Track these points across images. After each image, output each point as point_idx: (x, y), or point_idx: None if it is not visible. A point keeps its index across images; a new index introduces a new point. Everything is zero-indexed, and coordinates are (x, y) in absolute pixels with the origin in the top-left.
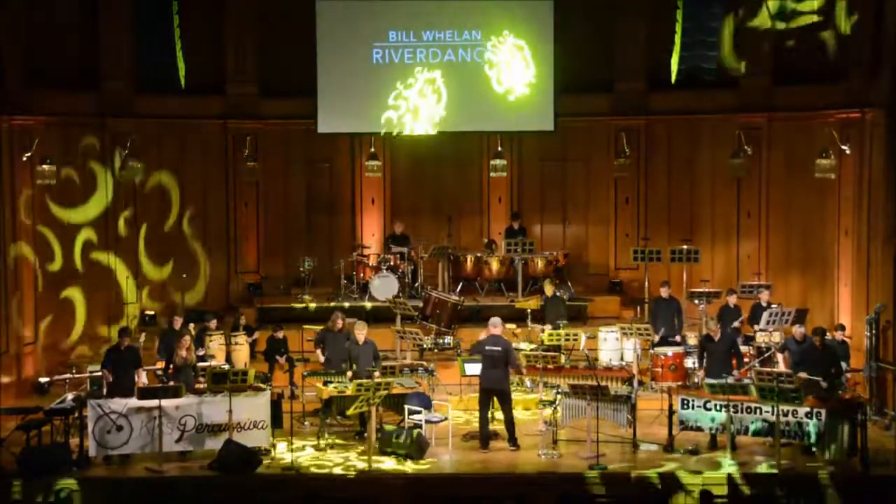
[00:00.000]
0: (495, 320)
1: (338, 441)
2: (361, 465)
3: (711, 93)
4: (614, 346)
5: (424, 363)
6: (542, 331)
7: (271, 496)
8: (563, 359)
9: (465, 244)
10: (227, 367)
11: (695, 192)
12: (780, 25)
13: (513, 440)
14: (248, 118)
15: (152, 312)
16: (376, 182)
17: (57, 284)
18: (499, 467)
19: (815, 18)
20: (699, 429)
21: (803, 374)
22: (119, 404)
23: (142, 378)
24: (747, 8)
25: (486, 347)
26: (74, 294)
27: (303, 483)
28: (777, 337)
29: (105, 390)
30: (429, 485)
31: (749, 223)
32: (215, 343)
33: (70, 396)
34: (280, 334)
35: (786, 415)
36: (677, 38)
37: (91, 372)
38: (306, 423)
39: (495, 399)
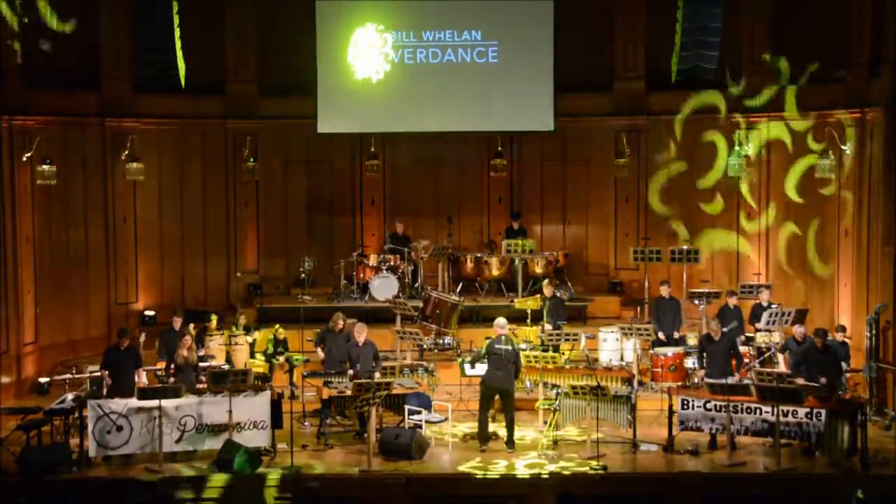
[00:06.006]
0: (501, 321)
1: (337, 441)
2: (361, 465)
3: (710, 93)
4: (614, 346)
5: (424, 363)
6: (542, 331)
7: (272, 496)
8: (563, 359)
9: (465, 244)
10: (227, 367)
11: (695, 192)
12: None
13: (511, 442)
14: (248, 118)
15: (152, 312)
16: (376, 182)
17: (57, 284)
18: (499, 468)
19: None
20: (699, 429)
21: (800, 381)
22: (119, 404)
23: (142, 378)
24: None
25: (496, 346)
26: (75, 293)
27: (303, 483)
28: (777, 337)
29: (105, 391)
30: (429, 485)
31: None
32: (215, 343)
33: (70, 396)
34: (280, 335)
35: (786, 415)
36: (677, 38)
37: (91, 372)
38: (306, 423)
39: (496, 399)
